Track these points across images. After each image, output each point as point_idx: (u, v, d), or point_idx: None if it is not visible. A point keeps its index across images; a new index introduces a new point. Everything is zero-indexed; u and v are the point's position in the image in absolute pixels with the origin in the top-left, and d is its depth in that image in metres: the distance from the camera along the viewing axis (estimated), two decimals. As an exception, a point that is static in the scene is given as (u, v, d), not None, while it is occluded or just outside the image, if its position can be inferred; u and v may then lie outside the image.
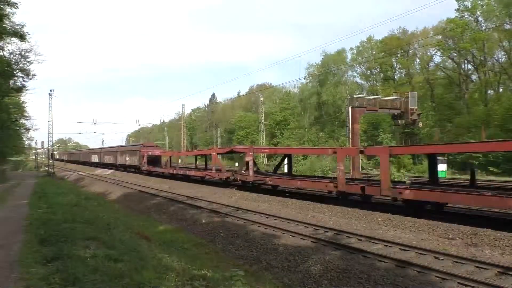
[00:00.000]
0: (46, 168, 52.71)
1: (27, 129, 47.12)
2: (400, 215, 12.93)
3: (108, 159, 56.30)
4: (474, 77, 48.49)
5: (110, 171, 50.69)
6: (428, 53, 53.83)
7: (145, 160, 38.57)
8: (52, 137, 47.43)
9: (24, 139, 56.27)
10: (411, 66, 56.84)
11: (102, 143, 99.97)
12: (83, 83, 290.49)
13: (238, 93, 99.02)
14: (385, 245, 9.92)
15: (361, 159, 32.86)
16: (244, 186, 22.84)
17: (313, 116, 67.15)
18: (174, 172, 32.09)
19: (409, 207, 13.58)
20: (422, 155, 37.83)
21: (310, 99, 67.42)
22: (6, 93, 30.28)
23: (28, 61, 29.75)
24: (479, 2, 43.09)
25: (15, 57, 29.11)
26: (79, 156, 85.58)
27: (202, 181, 29.31)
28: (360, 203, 15.58)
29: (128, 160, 45.81)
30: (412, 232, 11.17)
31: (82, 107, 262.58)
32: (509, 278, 7.36)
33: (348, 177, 21.17)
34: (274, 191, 21.49)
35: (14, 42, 27.66)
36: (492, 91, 45.73)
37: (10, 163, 63.97)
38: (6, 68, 27.25)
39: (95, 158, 65.94)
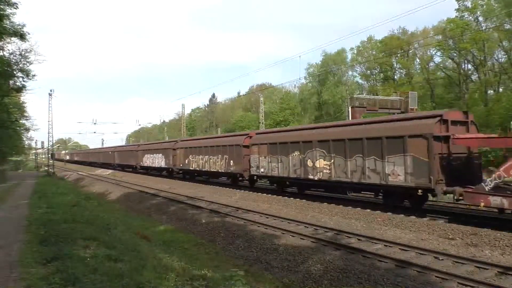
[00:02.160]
0: (46, 168, 52.75)
1: (27, 129, 47.08)
2: (400, 215, 12.93)
3: (206, 163, 27.13)
4: (474, 77, 48.51)
5: (110, 171, 50.47)
6: (428, 53, 53.84)
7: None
8: (52, 137, 47.56)
9: (24, 139, 56.17)
10: (411, 66, 56.82)
11: (102, 143, 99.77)
12: (83, 83, 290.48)
13: (238, 93, 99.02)
14: (385, 245, 9.91)
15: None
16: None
17: (313, 116, 67.14)
18: None
19: None
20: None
21: (310, 99, 67.44)
22: (6, 93, 30.25)
23: (28, 61, 29.70)
24: (479, 2, 43.10)
25: (15, 57, 29.07)
26: (109, 157, 55.90)
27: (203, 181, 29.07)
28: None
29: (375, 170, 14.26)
30: (412, 232, 11.16)
31: (82, 107, 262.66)
32: (509, 278, 7.36)
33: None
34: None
35: (14, 42, 27.66)
36: (492, 91, 45.73)
37: (10, 163, 63.97)
38: (6, 68, 27.22)
39: (154, 160, 38.13)
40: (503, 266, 7.81)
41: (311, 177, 17.09)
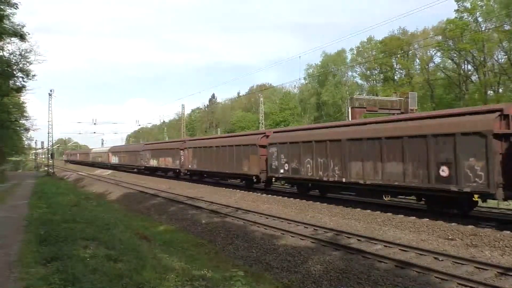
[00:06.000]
0: (46, 168, 52.81)
1: (27, 129, 47.00)
2: (400, 215, 12.94)
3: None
4: (474, 77, 48.52)
5: (110, 171, 50.59)
6: (428, 53, 53.86)
7: None
8: (52, 137, 47.59)
9: (24, 139, 56.15)
10: (411, 66, 56.84)
11: (102, 143, 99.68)
12: (83, 83, 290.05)
13: (238, 93, 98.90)
14: (385, 246, 9.91)
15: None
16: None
17: (313, 117, 67.20)
18: None
19: None
20: None
21: (310, 99, 67.43)
22: (6, 93, 30.25)
23: (28, 61, 29.68)
24: (479, 2, 43.13)
25: (15, 57, 29.05)
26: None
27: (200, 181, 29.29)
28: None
29: None
30: (412, 232, 11.16)
31: (82, 107, 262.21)
32: (509, 278, 7.36)
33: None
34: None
35: (14, 42, 27.67)
36: (492, 92, 45.73)
37: (10, 163, 63.97)
38: (6, 68, 27.23)
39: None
40: (503, 266, 7.81)
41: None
